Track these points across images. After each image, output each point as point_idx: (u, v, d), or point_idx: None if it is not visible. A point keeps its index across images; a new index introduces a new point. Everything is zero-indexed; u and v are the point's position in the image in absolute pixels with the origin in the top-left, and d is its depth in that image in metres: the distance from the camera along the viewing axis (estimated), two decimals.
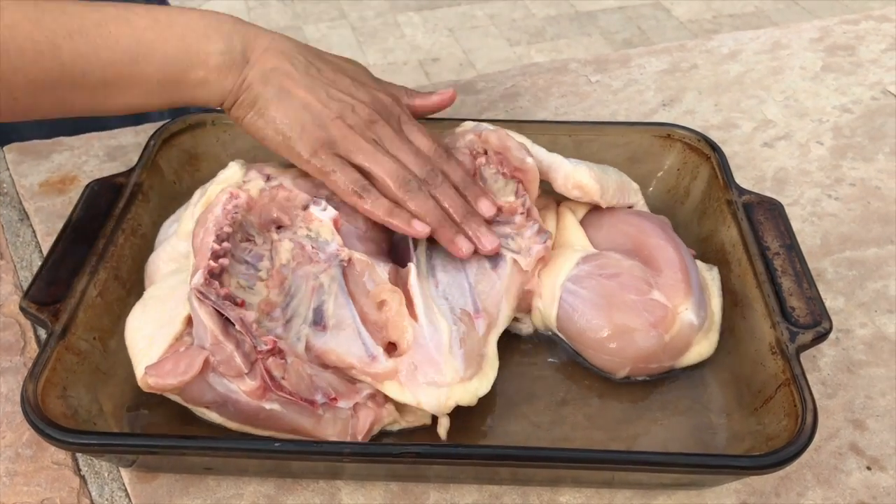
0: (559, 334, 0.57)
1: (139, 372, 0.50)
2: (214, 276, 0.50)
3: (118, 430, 0.52)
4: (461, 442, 0.52)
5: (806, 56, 0.88)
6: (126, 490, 0.51)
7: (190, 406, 0.51)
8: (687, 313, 0.54)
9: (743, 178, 0.72)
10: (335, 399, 0.50)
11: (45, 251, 0.66)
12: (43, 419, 0.46)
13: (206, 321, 0.48)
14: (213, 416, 0.50)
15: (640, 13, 2.59)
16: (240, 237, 0.53)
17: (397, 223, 0.55)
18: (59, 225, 0.65)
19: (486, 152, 0.60)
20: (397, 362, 0.51)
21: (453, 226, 0.56)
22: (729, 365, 0.56)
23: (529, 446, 0.51)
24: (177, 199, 0.63)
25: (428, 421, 0.52)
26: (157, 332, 0.51)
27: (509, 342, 0.58)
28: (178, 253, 0.57)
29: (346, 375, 0.51)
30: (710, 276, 0.58)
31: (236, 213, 0.53)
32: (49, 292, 0.53)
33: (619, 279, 0.55)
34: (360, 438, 0.50)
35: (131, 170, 0.62)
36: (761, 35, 0.92)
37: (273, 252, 0.54)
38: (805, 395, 0.48)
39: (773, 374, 0.51)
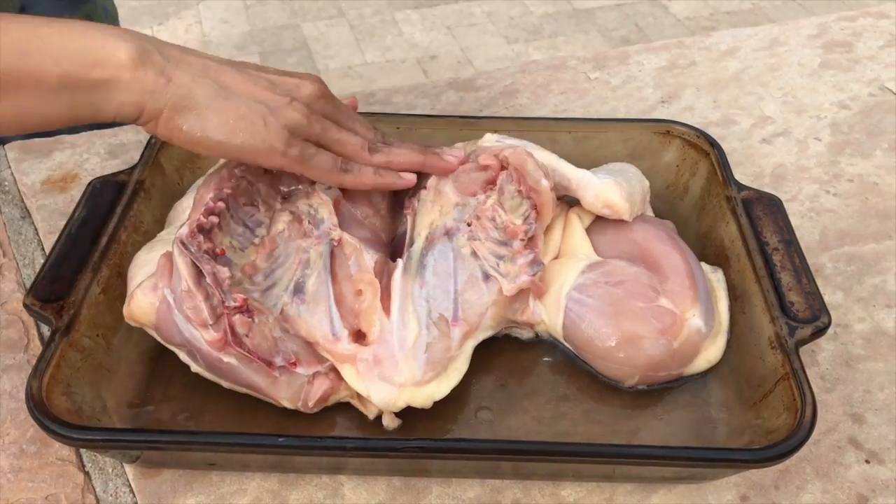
0: (566, 344, 0.57)
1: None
2: (203, 230, 0.53)
3: (122, 426, 0.52)
4: (462, 437, 0.52)
5: (804, 53, 0.89)
6: (130, 486, 0.52)
7: (165, 344, 0.53)
8: (695, 319, 0.54)
9: (741, 175, 0.73)
10: (294, 364, 0.52)
11: (47, 249, 0.66)
12: (47, 416, 0.47)
13: (182, 270, 0.51)
14: (183, 357, 0.53)
15: (638, 10, 2.59)
16: (244, 201, 0.56)
17: (388, 181, 0.56)
18: (61, 223, 0.66)
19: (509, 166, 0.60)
20: (358, 350, 0.52)
21: (432, 155, 0.58)
22: (728, 360, 0.56)
23: (532, 441, 0.51)
24: (178, 196, 0.63)
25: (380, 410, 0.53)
26: (153, 271, 0.54)
27: (508, 341, 0.58)
28: None
29: (313, 347, 0.53)
30: (716, 279, 0.59)
31: (242, 176, 0.56)
32: (53, 289, 0.53)
33: (625, 286, 0.55)
34: (311, 405, 0.52)
35: (133, 167, 0.63)
36: (759, 32, 0.92)
37: (272, 220, 0.56)
38: (804, 389, 0.48)
39: (773, 368, 0.51)
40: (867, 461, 0.53)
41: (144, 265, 0.56)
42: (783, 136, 0.78)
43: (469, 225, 0.58)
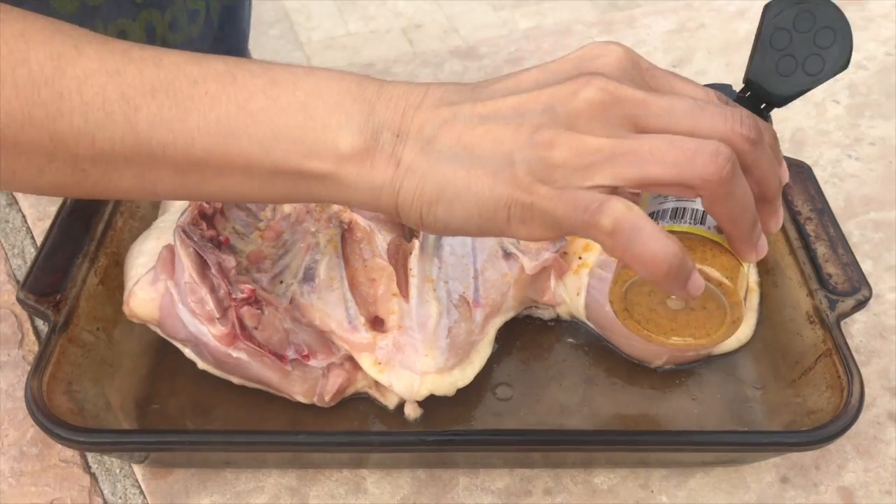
0: (588, 323, 0.54)
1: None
2: (205, 216, 0.50)
3: (127, 425, 0.49)
4: (487, 424, 0.50)
5: None
6: (140, 487, 0.49)
7: (168, 339, 0.51)
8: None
9: None
10: (307, 357, 0.49)
11: (37, 237, 0.62)
12: (49, 417, 0.44)
13: (185, 261, 0.47)
14: (188, 353, 0.50)
15: None
16: None
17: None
18: (51, 209, 0.62)
19: None
20: (377, 338, 0.49)
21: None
22: (761, 336, 0.54)
23: (565, 430, 0.49)
24: None
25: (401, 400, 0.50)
26: (150, 262, 0.51)
27: (531, 324, 0.55)
28: None
29: (327, 337, 0.50)
30: None
31: None
32: (48, 282, 0.50)
33: None
34: (327, 399, 0.49)
35: None
36: None
37: (277, 204, 0.53)
38: (850, 366, 0.46)
39: (812, 344, 0.49)
40: None
41: (139, 257, 0.52)
42: (800, 99, 0.75)
43: None
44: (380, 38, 2.31)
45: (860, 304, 0.49)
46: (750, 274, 0.55)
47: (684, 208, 0.39)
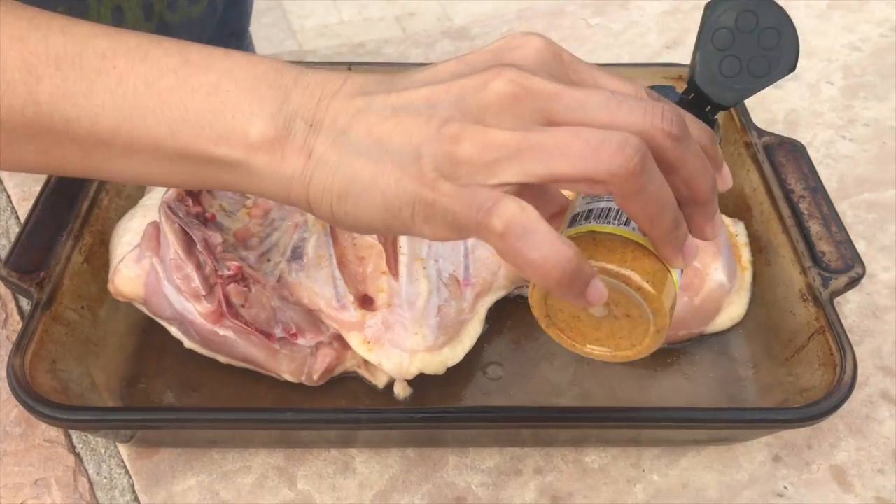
0: None
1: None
2: (191, 193, 0.49)
3: (113, 404, 0.48)
4: (477, 403, 0.49)
5: None
6: (125, 466, 0.48)
7: (154, 317, 0.50)
8: (717, 274, 0.51)
9: (754, 121, 0.69)
10: (295, 335, 0.48)
11: (22, 217, 0.61)
12: (32, 395, 0.43)
13: (171, 237, 0.47)
14: (175, 332, 0.49)
15: None
16: None
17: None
18: (36, 188, 0.61)
19: None
20: (366, 316, 0.48)
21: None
22: (754, 314, 0.53)
23: (555, 407, 0.49)
24: None
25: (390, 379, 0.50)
26: (136, 240, 0.50)
27: (522, 303, 0.55)
28: None
29: (316, 316, 0.49)
30: (737, 232, 0.56)
31: None
32: (31, 259, 0.49)
33: None
34: (315, 378, 0.49)
35: None
36: None
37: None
38: (843, 343, 0.45)
39: (805, 322, 0.49)
40: None
41: (125, 234, 0.52)
42: (794, 80, 0.75)
43: None
44: (373, 26, 2.29)
45: (854, 282, 0.49)
46: (742, 253, 0.55)
47: (610, 208, 0.36)
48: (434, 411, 0.44)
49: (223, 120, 0.34)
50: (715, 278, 0.52)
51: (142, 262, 0.49)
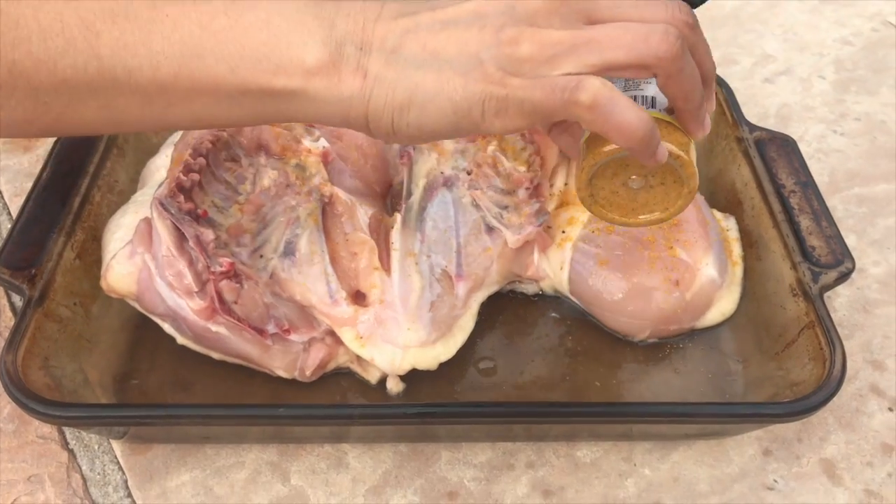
0: (572, 298, 0.54)
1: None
2: (183, 189, 0.49)
3: (106, 401, 0.49)
4: (470, 399, 0.49)
5: None
6: (119, 463, 0.48)
7: (147, 314, 0.50)
8: (708, 269, 0.51)
9: (746, 116, 0.69)
10: (288, 331, 0.48)
11: (14, 213, 0.61)
12: (25, 392, 0.43)
13: (163, 234, 0.47)
14: (168, 328, 0.49)
15: None
16: (225, 156, 0.52)
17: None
18: (28, 184, 0.61)
19: None
20: (359, 312, 0.48)
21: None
22: (744, 309, 0.53)
23: (547, 402, 0.49)
24: (153, 152, 0.59)
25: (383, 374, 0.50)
26: (128, 236, 0.50)
27: (514, 298, 0.55)
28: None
29: (308, 311, 0.50)
30: (728, 226, 0.56)
31: (222, 130, 0.51)
32: (23, 256, 0.49)
33: (634, 236, 0.52)
34: (308, 374, 0.49)
35: None
36: None
37: (256, 177, 0.52)
38: (833, 338, 0.46)
39: (795, 316, 0.49)
40: (890, 409, 0.51)
41: (117, 230, 0.52)
42: (786, 74, 0.75)
43: (469, 173, 0.54)
44: None
45: (843, 276, 0.49)
46: (733, 248, 0.55)
47: (635, 96, 0.41)
48: (426, 407, 0.45)
49: (279, 52, 0.35)
50: (706, 273, 0.52)
51: (134, 258, 0.49)
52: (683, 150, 0.40)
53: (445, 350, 0.49)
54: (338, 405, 0.47)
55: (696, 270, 0.52)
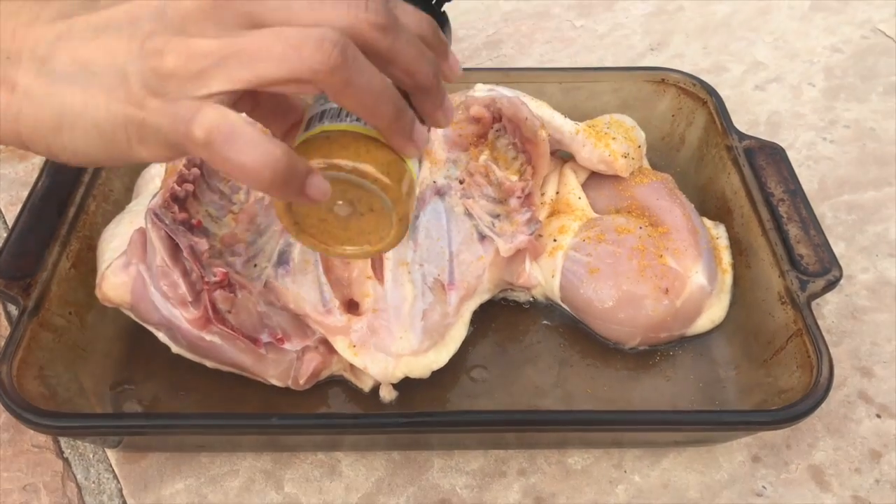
0: (563, 306, 0.54)
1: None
2: (177, 199, 0.49)
3: (101, 409, 0.49)
4: (462, 406, 0.50)
5: None
6: (113, 471, 0.49)
7: (142, 323, 0.50)
8: (698, 277, 0.52)
9: (736, 123, 0.69)
10: (282, 340, 0.49)
11: (10, 222, 0.62)
12: (19, 402, 0.43)
13: (157, 244, 0.47)
14: (162, 338, 0.50)
15: None
16: None
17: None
18: (23, 193, 0.62)
19: (502, 118, 0.56)
20: (352, 321, 0.49)
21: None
22: (734, 317, 0.54)
23: (539, 410, 0.49)
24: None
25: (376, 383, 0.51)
26: (123, 246, 0.51)
27: (506, 307, 0.55)
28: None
29: (302, 320, 0.50)
30: (718, 234, 0.56)
31: None
32: (18, 266, 0.49)
33: (624, 245, 0.53)
34: (302, 383, 0.49)
35: None
36: None
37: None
38: (820, 346, 0.46)
39: (784, 324, 0.50)
40: (878, 416, 0.52)
41: (112, 240, 0.52)
42: (776, 81, 0.76)
43: (461, 182, 0.55)
44: None
45: (831, 285, 0.50)
46: (723, 256, 0.56)
47: (341, 107, 0.35)
48: (419, 415, 0.45)
49: None
50: (696, 281, 0.52)
51: (128, 268, 0.49)
52: (386, 170, 0.34)
53: (438, 358, 0.49)
54: (331, 414, 0.47)
55: (686, 278, 0.52)
